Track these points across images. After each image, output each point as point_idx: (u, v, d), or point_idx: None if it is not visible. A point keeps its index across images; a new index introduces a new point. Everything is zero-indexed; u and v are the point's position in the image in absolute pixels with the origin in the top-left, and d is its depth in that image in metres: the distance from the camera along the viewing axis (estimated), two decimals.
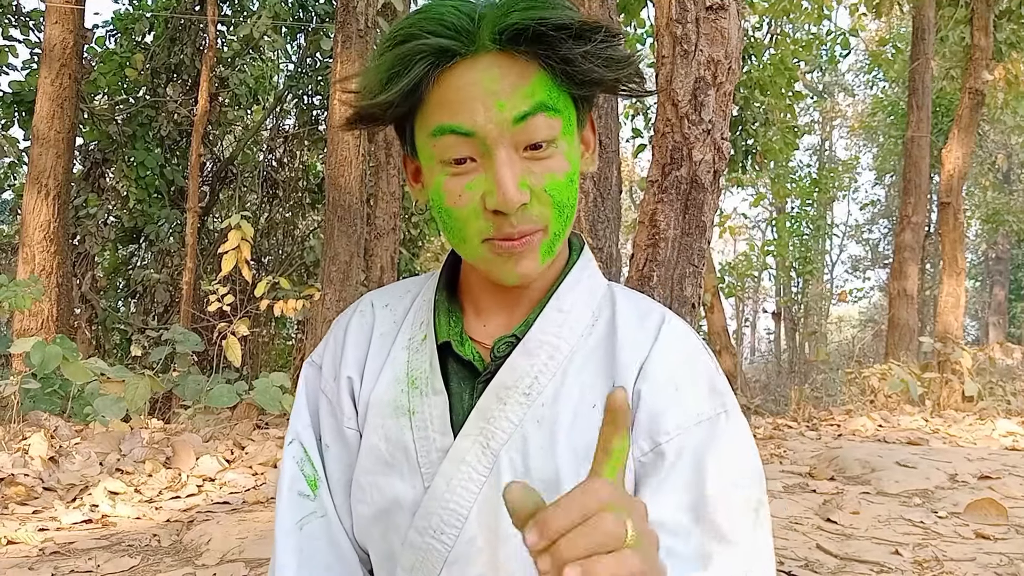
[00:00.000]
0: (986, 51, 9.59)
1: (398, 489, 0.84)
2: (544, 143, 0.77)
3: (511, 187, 0.75)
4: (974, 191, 20.00)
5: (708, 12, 1.96)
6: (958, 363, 8.29)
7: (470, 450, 0.81)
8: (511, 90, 0.75)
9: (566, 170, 0.79)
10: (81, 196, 10.00)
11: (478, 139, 0.76)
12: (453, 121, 0.76)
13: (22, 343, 4.91)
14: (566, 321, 0.85)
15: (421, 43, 0.74)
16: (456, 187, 0.78)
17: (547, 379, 0.82)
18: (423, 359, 0.87)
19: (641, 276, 2.00)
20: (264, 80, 12.01)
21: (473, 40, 0.75)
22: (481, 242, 0.79)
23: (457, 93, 0.76)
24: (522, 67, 0.76)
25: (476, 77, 0.76)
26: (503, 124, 0.75)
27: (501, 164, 0.75)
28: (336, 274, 6.41)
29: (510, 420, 0.81)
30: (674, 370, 0.83)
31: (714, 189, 1.99)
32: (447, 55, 0.75)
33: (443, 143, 0.77)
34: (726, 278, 15.89)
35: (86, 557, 2.83)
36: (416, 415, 0.85)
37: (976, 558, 2.85)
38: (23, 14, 9.99)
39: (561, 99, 0.78)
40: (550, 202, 0.78)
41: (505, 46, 0.75)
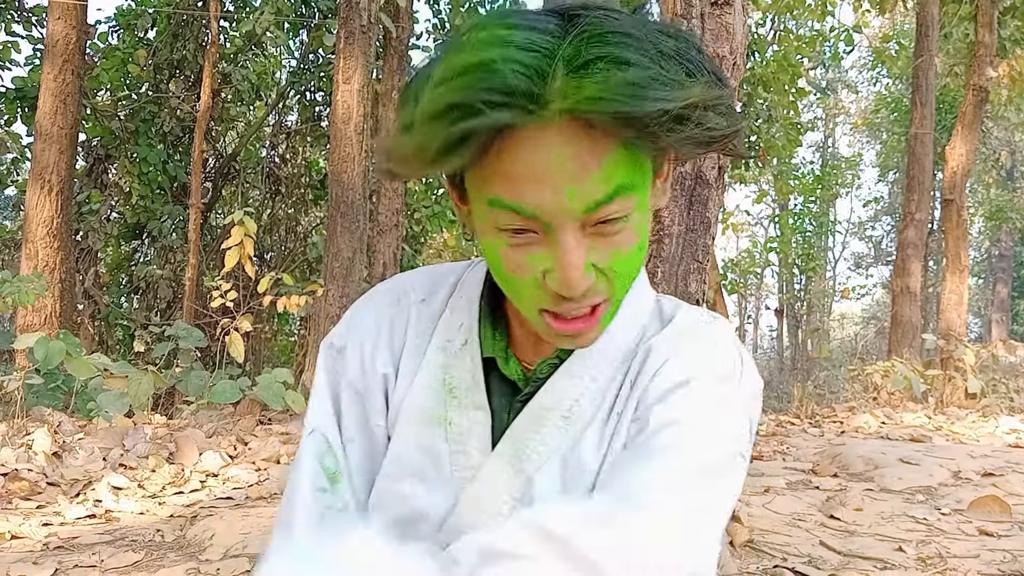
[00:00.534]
0: (990, 47, 9.57)
1: (423, 501, 0.80)
2: (615, 219, 0.68)
3: (576, 274, 0.67)
4: (977, 188, 19.97)
5: (713, 8, 1.96)
6: (961, 360, 8.27)
7: (502, 472, 0.78)
8: (584, 173, 0.64)
9: (634, 243, 0.71)
10: (84, 192, 10.00)
11: (541, 222, 0.67)
12: (514, 201, 0.66)
13: (25, 339, 4.92)
14: (611, 342, 0.80)
15: (479, 121, 0.62)
16: (516, 257, 0.70)
17: (588, 402, 0.79)
18: (464, 368, 0.82)
19: (646, 273, 2.00)
20: (267, 76, 12.01)
21: (541, 107, 0.62)
22: (539, 311, 0.72)
23: (520, 169, 0.65)
24: (598, 142, 0.64)
25: (544, 154, 0.64)
26: (572, 213, 0.66)
27: (567, 250, 0.67)
28: (339, 270, 6.41)
29: (546, 444, 0.77)
30: (680, 350, 0.79)
31: (719, 185, 1.99)
32: (510, 119, 0.63)
33: (500, 215, 0.68)
34: (729, 275, 15.89)
35: (90, 552, 2.84)
36: (453, 426, 0.81)
37: (980, 555, 2.85)
38: (26, 10, 9.99)
39: (641, 175, 0.68)
40: (615, 276, 0.71)
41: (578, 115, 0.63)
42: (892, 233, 24.49)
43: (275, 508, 3.35)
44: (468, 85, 0.61)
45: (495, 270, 0.74)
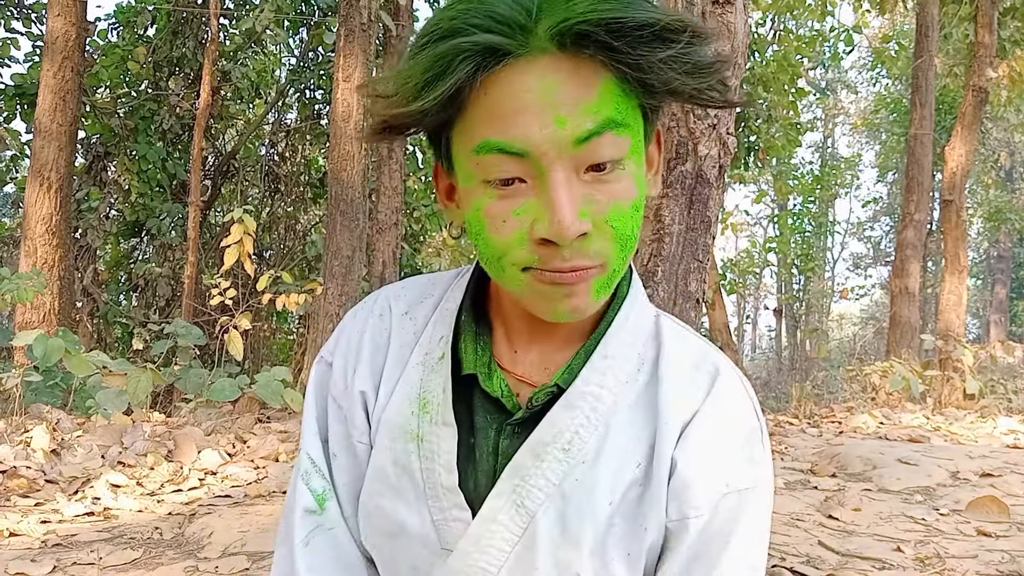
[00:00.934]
0: (990, 48, 9.57)
1: (404, 516, 0.79)
2: (609, 163, 0.66)
3: (569, 214, 0.64)
4: (976, 189, 19.99)
5: (714, 6, 1.96)
6: (959, 361, 8.28)
7: (503, 509, 0.75)
8: (573, 103, 0.63)
9: (633, 197, 0.68)
10: (83, 189, 10.00)
11: (531, 159, 0.64)
12: (502, 138, 0.64)
13: (24, 336, 4.91)
14: (610, 368, 0.77)
15: (465, 40, 0.62)
16: (501, 212, 0.67)
17: (588, 433, 0.75)
18: (437, 382, 0.79)
19: (646, 271, 2.00)
20: (266, 74, 12.00)
21: (529, 37, 0.63)
22: (521, 271, 0.69)
23: (508, 103, 0.64)
24: (587, 73, 0.63)
25: (531, 84, 0.63)
26: (562, 144, 0.63)
27: (558, 187, 0.64)
28: (338, 268, 6.41)
29: (548, 479, 0.75)
30: (715, 439, 0.77)
31: (719, 184, 1.99)
32: (496, 55, 0.62)
33: (488, 161, 0.65)
34: (728, 275, 15.89)
35: (88, 549, 2.84)
36: (424, 443, 0.78)
37: (978, 555, 2.85)
38: (25, 7, 9.98)
39: (631, 112, 0.67)
40: (612, 235, 0.67)
41: (567, 47, 0.63)
42: (891, 234, 24.52)
43: (274, 506, 3.35)
44: (458, 14, 0.63)
45: (479, 239, 0.70)
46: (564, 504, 0.74)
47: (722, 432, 0.77)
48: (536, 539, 0.74)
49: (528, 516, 0.74)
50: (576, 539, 0.74)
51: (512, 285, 0.71)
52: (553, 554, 0.74)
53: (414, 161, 11.49)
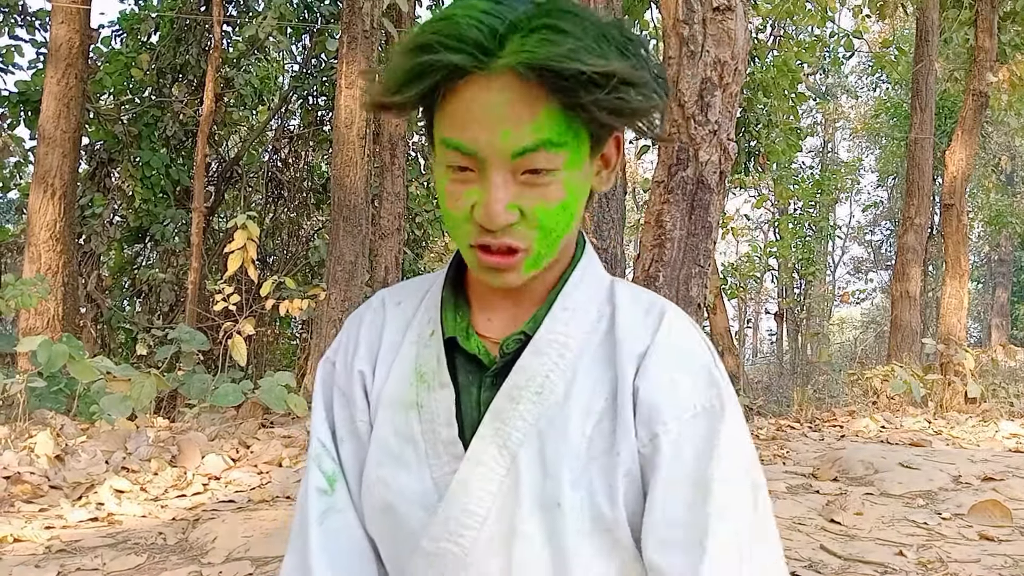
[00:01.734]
0: (990, 53, 9.59)
1: (404, 482, 0.86)
2: (542, 171, 0.78)
3: (498, 208, 0.77)
4: (977, 193, 19.96)
5: (715, 13, 1.97)
6: (961, 365, 8.28)
7: (486, 451, 0.83)
8: (517, 121, 0.75)
9: (560, 199, 0.80)
10: (87, 196, 10.02)
11: (478, 159, 0.78)
12: (458, 139, 0.77)
13: (28, 342, 4.93)
14: (572, 319, 0.87)
15: (436, 57, 0.74)
16: (455, 191, 0.80)
17: (558, 377, 0.84)
18: (431, 354, 0.89)
19: (647, 276, 2.01)
20: (269, 80, 12.04)
21: (490, 59, 0.74)
22: (469, 246, 0.82)
23: (464, 112, 0.76)
24: (534, 97, 0.75)
25: (485, 99, 0.75)
26: (503, 153, 0.76)
27: (494, 186, 0.77)
28: (341, 274, 6.43)
29: (525, 419, 0.83)
30: (671, 363, 0.85)
31: (720, 190, 2.00)
32: (459, 72, 0.75)
33: (448, 153, 0.79)
34: (729, 279, 15.89)
35: (92, 555, 2.85)
36: (423, 409, 0.87)
37: (980, 559, 2.86)
38: (29, 14, 10.03)
39: (569, 133, 0.78)
40: (537, 226, 0.80)
41: (519, 73, 0.74)
42: (892, 238, 24.50)
43: (277, 511, 3.36)
44: (433, 31, 0.75)
45: (442, 208, 0.83)
46: (541, 442, 0.82)
47: (676, 360, 0.86)
48: (519, 477, 0.82)
49: (510, 456, 0.83)
50: (556, 473, 0.81)
51: (466, 256, 0.85)
52: (535, 490, 0.82)
53: (416, 167, 11.52)
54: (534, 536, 0.81)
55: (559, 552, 0.81)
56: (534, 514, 0.81)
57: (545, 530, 0.81)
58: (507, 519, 0.82)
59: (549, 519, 0.81)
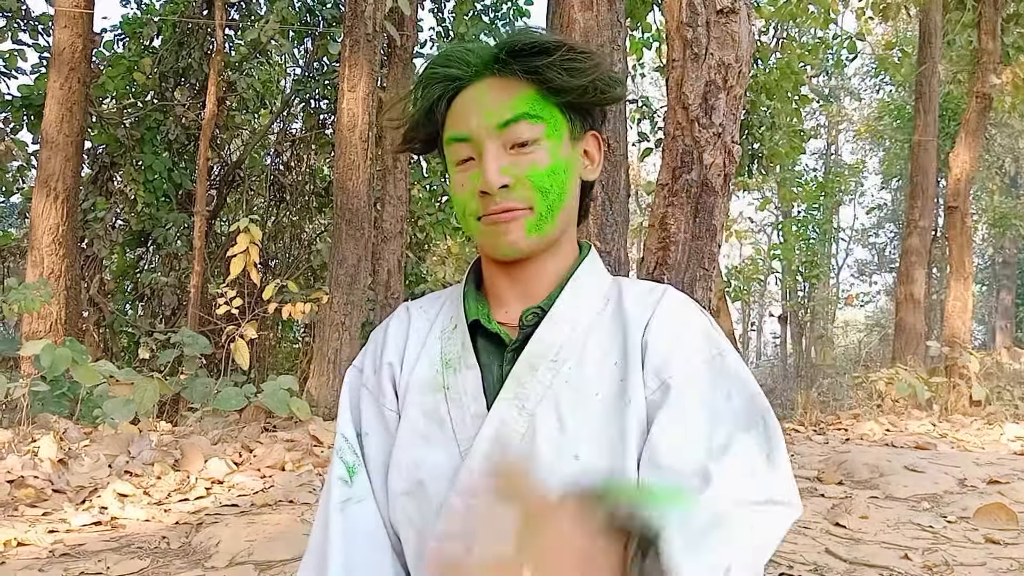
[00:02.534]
0: (993, 55, 9.58)
1: (433, 459, 0.94)
2: (528, 142, 0.95)
3: (492, 170, 0.94)
4: (981, 195, 19.94)
5: (719, 15, 1.97)
6: (965, 367, 8.26)
7: (507, 411, 0.93)
8: (497, 103, 0.95)
9: (547, 163, 0.96)
10: (89, 200, 10.03)
11: (474, 142, 0.96)
12: (457, 130, 0.97)
13: (32, 346, 4.93)
14: (582, 300, 0.99)
15: (437, 72, 0.98)
16: (461, 179, 0.98)
17: (570, 348, 0.95)
18: (455, 342, 1.01)
19: (651, 280, 2.00)
20: (271, 84, 12.04)
21: (476, 70, 0.97)
22: (476, 220, 0.97)
23: (461, 111, 0.97)
24: (510, 86, 0.96)
25: (474, 95, 0.97)
26: (489, 128, 0.95)
27: (487, 155, 0.94)
28: (344, 277, 6.42)
29: (541, 383, 0.93)
30: (674, 324, 0.96)
31: (724, 193, 1.99)
32: (455, 82, 0.98)
33: (453, 149, 0.98)
34: (732, 282, 15.88)
35: (96, 559, 2.84)
36: (450, 390, 0.98)
37: (986, 563, 2.85)
38: (32, 18, 10.04)
39: (545, 109, 0.96)
40: (531, 186, 0.95)
41: (498, 72, 0.96)
42: (896, 240, 24.48)
43: (281, 515, 3.35)
44: (435, 62, 0.99)
45: (455, 202, 1.00)
46: (557, 401, 0.92)
47: (679, 320, 0.97)
48: (536, 431, 0.91)
49: (528, 416, 0.92)
50: (573, 428, 0.90)
51: (474, 232, 0.99)
52: (553, 443, 0.90)
53: (419, 170, 11.52)
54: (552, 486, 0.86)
55: None
56: (551, 467, 0.89)
57: (562, 481, 0.85)
58: None
59: (567, 471, 0.88)
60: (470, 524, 0.88)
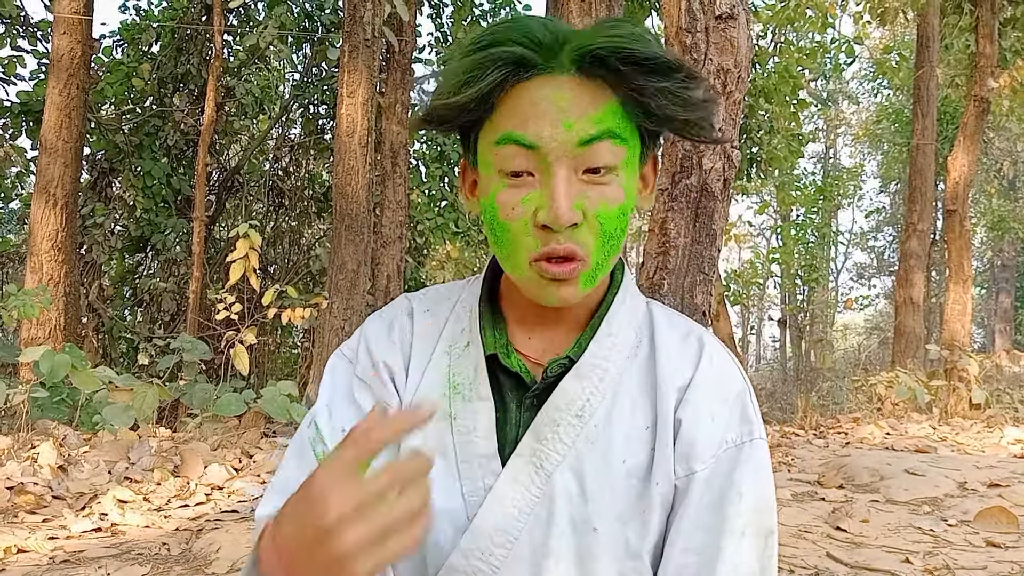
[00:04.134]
0: (991, 58, 9.60)
1: (436, 497, 0.83)
2: (604, 169, 0.78)
3: (564, 205, 0.76)
4: (979, 198, 19.98)
5: (717, 21, 1.97)
6: (965, 370, 8.26)
7: (523, 470, 0.82)
8: (581, 113, 0.76)
9: (620, 201, 0.79)
10: (88, 205, 10.02)
11: (540, 154, 0.76)
12: (519, 132, 0.77)
13: (31, 352, 4.92)
14: (614, 344, 0.87)
15: (503, 50, 0.76)
16: (511, 199, 0.78)
17: (598, 401, 0.84)
18: (467, 365, 0.88)
19: (652, 284, 2.00)
20: (270, 90, 12.06)
21: (553, 57, 0.77)
22: (529, 263, 0.80)
23: (528, 107, 0.76)
24: (596, 93, 0.77)
25: (549, 93, 0.76)
26: (567, 144, 0.76)
27: (558, 181, 0.76)
28: (343, 282, 6.42)
29: (563, 441, 0.83)
30: (712, 398, 0.86)
31: (724, 197, 1.99)
32: (525, 67, 0.76)
33: (505, 153, 0.78)
34: (731, 286, 15.88)
35: (96, 565, 2.84)
36: (457, 420, 0.86)
37: (987, 566, 2.85)
38: (31, 25, 10.05)
39: (628, 130, 0.79)
40: (598, 230, 0.79)
41: (583, 70, 0.77)
42: (894, 244, 24.48)
43: None
44: (502, 30, 0.77)
45: (492, 223, 0.81)
46: (579, 463, 0.82)
47: (716, 394, 0.86)
48: (554, 497, 0.81)
49: (546, 476, 0.82)
50: (594, 496, 0.81)
51: (520, 275, 0.82)
52: (570, 511, 0.81)
53: (417, 175, 11.52)
54: (566, 557, 0.81)
55: (587, 572, 0.81)
56: (566, 535, 0.81)
57: (577, 553, 0.81)
58: (539, 539, 0.81)
59: (584, 542, 0.81)
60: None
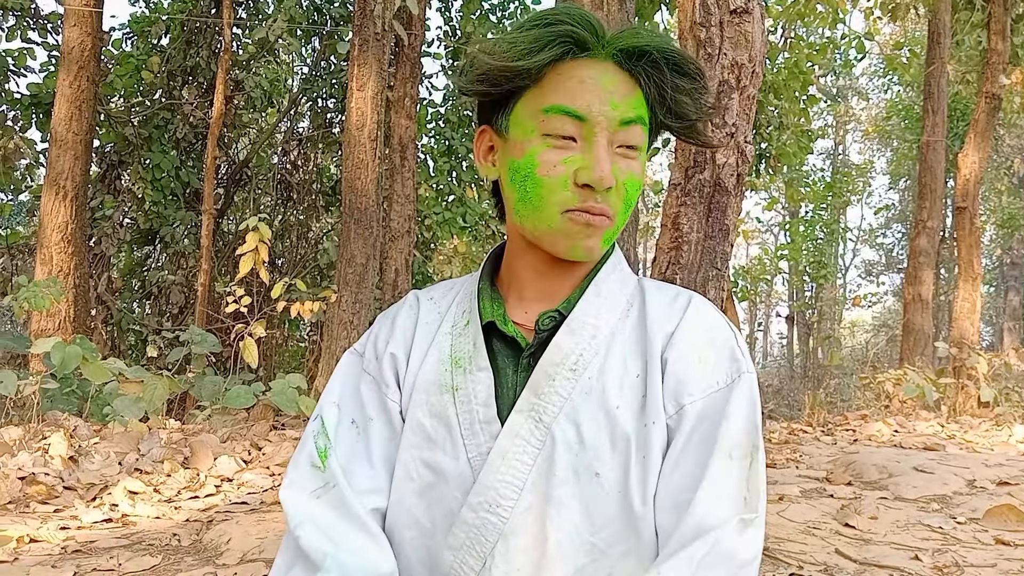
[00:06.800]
0: (1003, 55, 9.54)
1: (441, 461, 0.91)
2: (633, 147, 0.91)
3: (607, 168, 0.88)
4: (989, 196, 19.88)
5: (732, 16, 1.97)
6: (974, 368, 8.23)
7: (523, 424, 0.88)
8: (623, 97, 0.89)
9: (639, 177, 0.92)
10: (97, 198, 10.06)
11: (587, 124, 0.88)
12: (571, 104, 0.88)
13: (42, 343, 4.95)
14: (604, 305, 0.94)
15: (566, 28, 0.88)
16: (553, 158, 0.89)
17: (591, 356, 0.90)
18: (467, 341, 0.95)
19: (663, 279, 2.00)
20: (279, 83, 12.07)
21: (602, 44, 0.90)
22: (561, 212, 0.89)
23: (577, 83, 0.88)
24: (631, 83, 0.90)
25: (596, 75, 0.89)
26: (611, 120, 0.88)
27: (601, 149, 0.88)
28: (352, 276, 6.43)
29: (559, 394, 0.88)
30: (699, 341, 0.92)
31: (737, 192, 1.99)
32: (581, 47, 0.89)
33: (553, 120, 0.89)
34: (740, 282, 15.85)
35: (107, 556, 2.85)
36: (459, 391, 0.92)
37: (997, 564, 2.84)
38: (42, 17, 10.07)
39: (646, 124, 0.93)
40: (623, 196, 0.91)
41: (619, 62, 0.90)
42: (903, 241, 24.40)
43: None
44: (562, 13, 0.89)
45: (527, 179, 0.90)
46: (575, 413, 0.88)
47: (703, 336, 0.93)
48: (555, 447, 0.87)
49: (545, 429, 0.87)
50: (593, 443, 0.87)
51: (550, 223, 0.90)
52: (571, 459, 0.86)
53: (426, 169, 11.52)
54: (569, 503, 0.85)
55: (592, 517, 0.85)
56: (568, 482, 0.86)
57: (581, 499, 0.85)
58: (543, 488, 0.86)
59: (587, 488, 0.86)
60: (484, 539, 0.86)
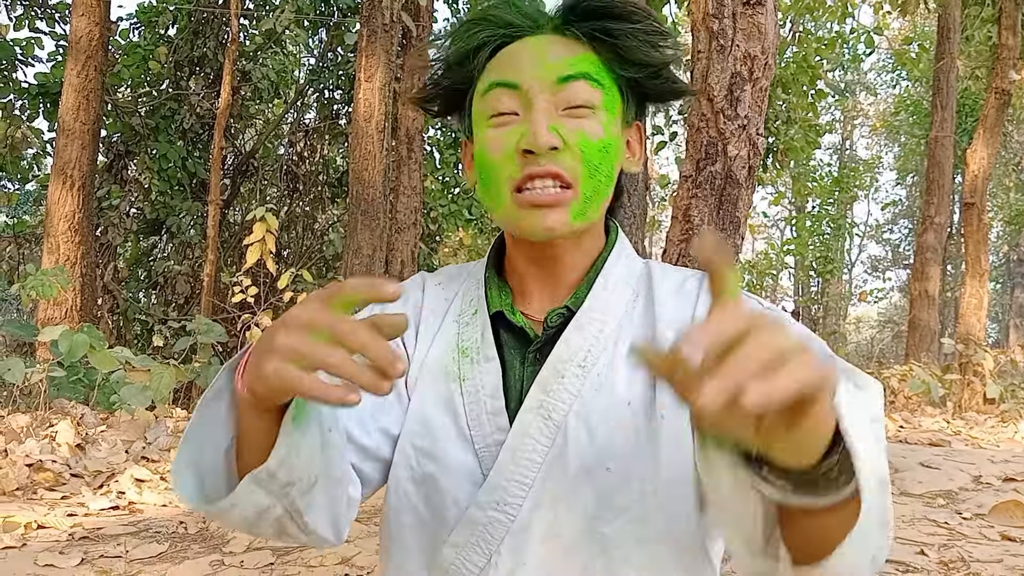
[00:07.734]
0: (1013, 50, 9.49)
1: (447, 451, 0.88)
2: (583, 106, 0.85)
3: (542, 126, 0.82)
4: (997, 192, 19.79)
5: (745, 7, 1.96)
6: (980, 365, 8.22)
7: (532, 423, 0.85)
8: (559, 56, 0.85)
9: (599, 135, 0.85)
10: (104, 188, 10.08)
11: (521, 92, 0.85)
12: (502, 77, 0.86)
13: (50, 331, 4.96)
14: (611, 297, 0.91)
15: (498, 13, 0.88)
16: (496, 137, 0.86)
17: (599, 351, 0.87)
18: (474, 330, 0.92)
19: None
20: (286, 74, 12.06)
21: (537, 24, 0.88)
22: (511, 193, 0.85)
23: (512, 59, 0.87)
24: (574, 44, 0.87)
25: (530, 46, 0.87)
26: (545, 80, 0.84)
27: (537, 110, 0.83)
28: (359, 267, 6.43)
29: (569, 391, 0.86)
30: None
31: (749, 185, 1.98)
32: (508, 29, 0.87)
33: (491, 97, 0.86)
34: (745, 276, 15.82)
35: (114, 542, 2.87)
36: (466, 382, 0.89)
37: (1003, 559, 2.84)
38: (49, 6, 10.08)
39: (606, 78, 0.87)
40: (580, 158, 0.84)
41: (561, 29, 0.87)
42: (910, 236, 24.33)
43: None
44: (492, 7, 0.88)
45: (481, 167, 0.88)
46: (585, 409, 0.85)
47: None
48: (566, 446, 0.84)
49: (555, 427, 0.85)
50: (603, 437, 0.84)
51: (505, 210, 0.87)
52: (581, 456, 0.84)
53: (432, 162, 11.51)
54: (579, 498, 0.83)
55: (602, 511, 0.83)
56: (580, 480, 0.83)
57: (591, 491, 0.83)
58: (554, 486, 0.84)
59: (599, 483, 0.83)
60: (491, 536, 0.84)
